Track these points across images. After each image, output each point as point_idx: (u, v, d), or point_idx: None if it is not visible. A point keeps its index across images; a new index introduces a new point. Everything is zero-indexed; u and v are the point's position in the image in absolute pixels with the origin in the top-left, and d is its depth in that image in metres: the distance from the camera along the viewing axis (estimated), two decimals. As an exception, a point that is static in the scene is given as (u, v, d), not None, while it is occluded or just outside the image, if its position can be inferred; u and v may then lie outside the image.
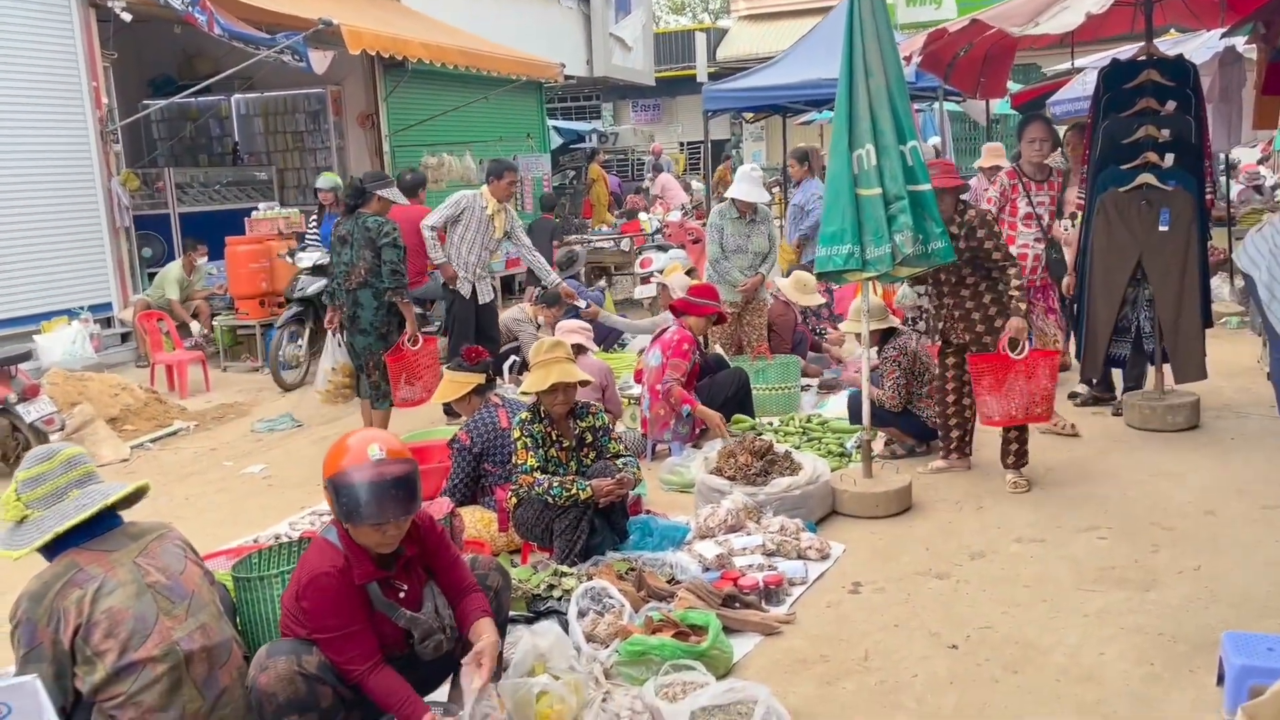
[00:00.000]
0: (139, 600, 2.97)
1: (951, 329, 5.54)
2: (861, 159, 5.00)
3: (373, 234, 6.47)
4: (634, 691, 3.44)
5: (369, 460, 2.99)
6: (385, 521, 3.00)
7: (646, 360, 6.49)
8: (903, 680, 3.58)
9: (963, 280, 5.42)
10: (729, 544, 4.64)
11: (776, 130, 18.73)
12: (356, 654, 3.00)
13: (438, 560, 3.27)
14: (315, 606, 3.00)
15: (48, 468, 3.04)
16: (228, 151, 14.72)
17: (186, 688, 2.98)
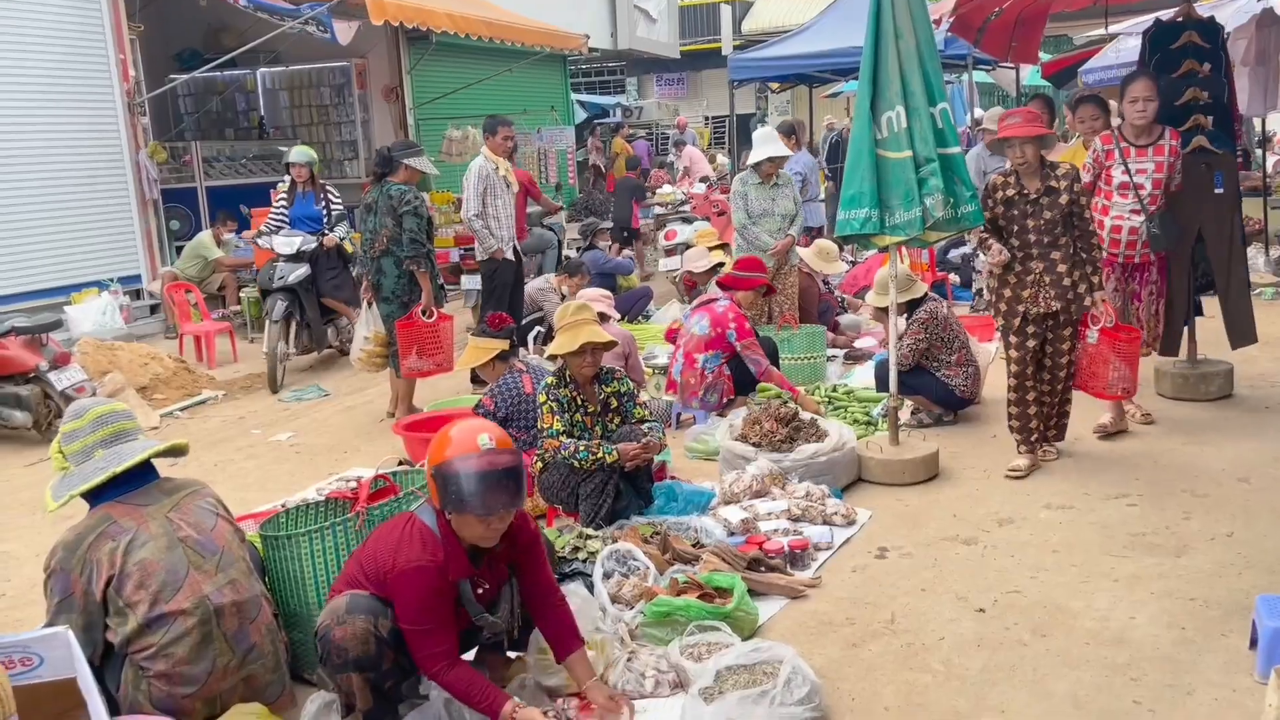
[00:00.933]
0: (170, 553, 3.00)
1: (1038, 295, 4.99)
2: (891, 121, 4.94)
3: (395, 202, 6.44)
4: (659, 651, 3.45)
5: (479, 449, 2.91)
6: (493, 513, 2.93)
7: (689, 325, 6.45)
8: (929, 643, 3.55)
9: (1056, 240, 4.94)
10: (754, 509, 4.62)
11: (802, 103, 18.57)
12: (439, 651, 2.92)
13: (527, 560, 3.19)
14: (410, 597, 2.92)
15: (78, 425, 3.09)
16: (254, 125, 14.77)
17: (217, 641, 3.02)
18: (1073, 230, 4.96)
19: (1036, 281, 4.99)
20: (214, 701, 3.02)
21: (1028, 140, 4.85)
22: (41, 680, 2.74)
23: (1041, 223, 4.93)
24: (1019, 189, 4.98)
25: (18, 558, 4.82)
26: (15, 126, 9.29)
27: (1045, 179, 4.93)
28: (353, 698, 3.01)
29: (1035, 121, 4.90)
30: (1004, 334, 5.21)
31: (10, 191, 9.25)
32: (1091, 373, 5.12)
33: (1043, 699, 3.16)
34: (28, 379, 6.69)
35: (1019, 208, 4.98)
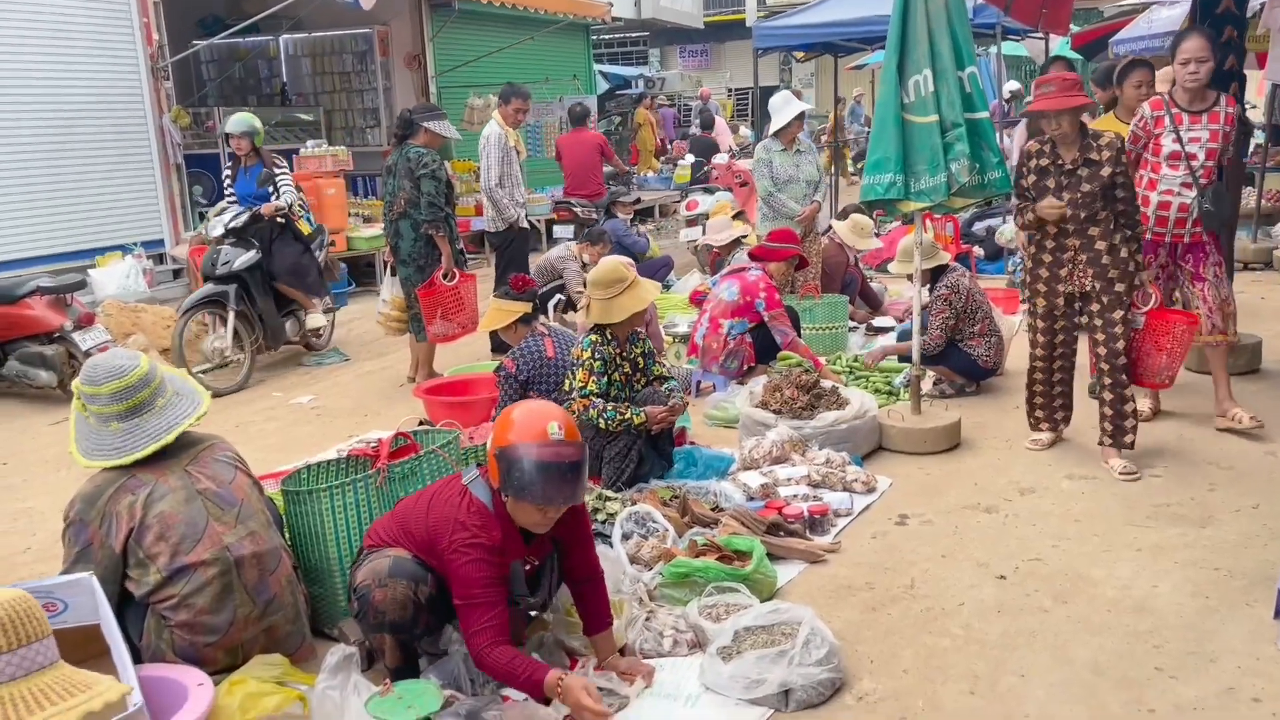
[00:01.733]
0: (189, 506, 3.02)
1: (1075, 275, 4.66)
2: (918, 85, 4.86)
3: (412, 165, 6.41)
4: (677, 611, 3.45)
5: (548, 439, 2.85)
6: (552, 504, 2.89)
7: (718, 291, 6.43)
8: (949, 608, 3.54)
9: (1094, 216, 4.57)
10: (774, 475, 4.61)
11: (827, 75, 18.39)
12: (488, 626, 2.86)
13: (573, 537, 3.15)
14: (467, 573, 2.87)
15: (95, 392, 3.05)
16: (276, 92, 14.75)
17: (238, 592, 3.04)
18: (1114, 205, 4.59)
19: (1072, 260, 4.67)
20: (235, 651, 3.04)
21: (1064, 111, 4.54)
22: (66, 625, 2.76)
23: (1079, 196, 4.56)
24: (1054, 159, 4.64)
25: (42, 513, 4.87)
26: (40, 90, 9.30)
27: (1085, 149, 4.57)
28: (381, 654, 3.05)
29: (1072, 90, 4.55)
30: (1031, 315, 4.90)
31: (36, 155, 9.29)
32: (1135, 360, 4.77)
33: (1063, 664, 3.14)
34: (52, 339, 6.75)
35: (1054, 179, 4.64)
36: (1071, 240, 4.66)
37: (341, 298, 10.03)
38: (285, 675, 3.00)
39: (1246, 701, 2.91)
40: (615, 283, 4.59)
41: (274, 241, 7.34)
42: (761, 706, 2.96)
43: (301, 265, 7.49)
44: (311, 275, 7.58)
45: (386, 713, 2.60)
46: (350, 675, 2.95)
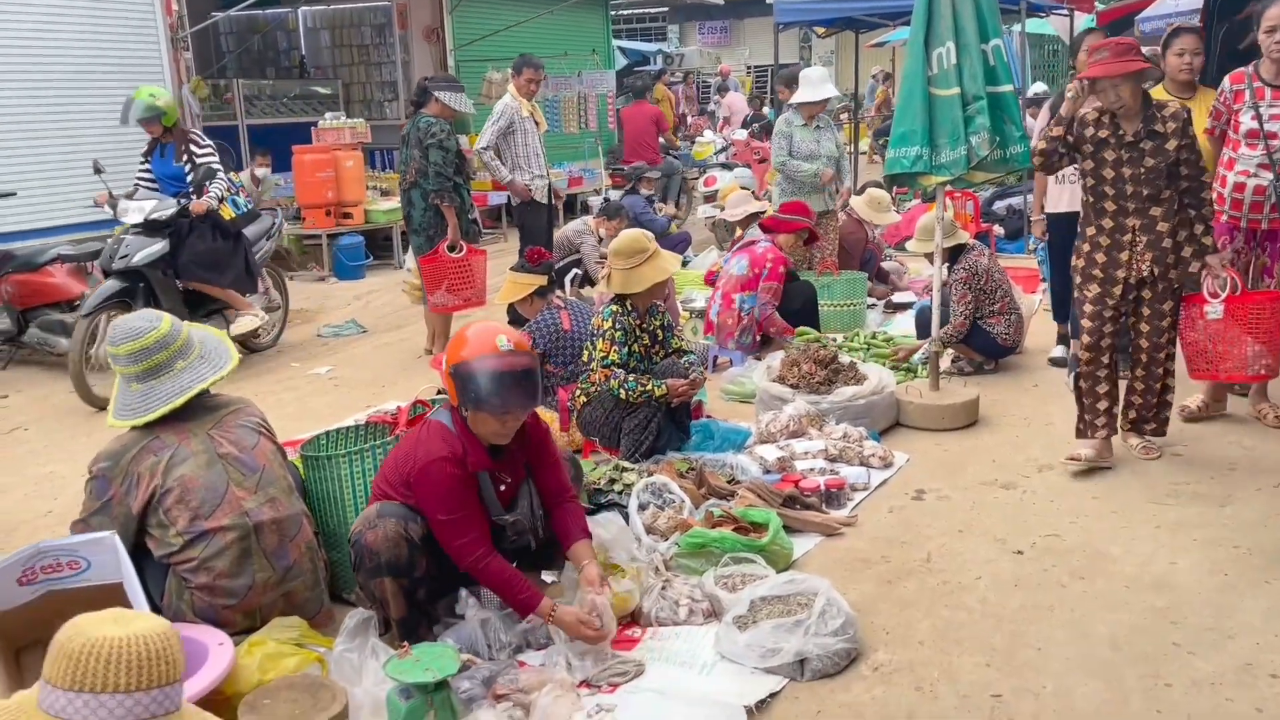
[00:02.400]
0: (210, 470, 3.04)
1: (1134, 260, 4.25)
2: (941, 57, 4.83)
3: (421, 134, 6.41)
4: (693, 580, 3.46)
5: (497, 350, 2.99)
6: (509, 412, 3.01)
7: (728, 266, 6.41)
8: (966, 582, 3.53)
9: (1157, 194, 4.16)
10: (790, 448, 4.61)
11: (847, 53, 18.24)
12: (470, 539, 2.99)
13: (540, 459, 3.28)
14: (432, 491, 2.99)
15: (115, 353, 3.10)
16: (294, 65, 14.75)
17: (256, 557, 3.06)
18: (1178, 183, 4.18)
19: (1131, 242, 4.24)
20: (254, 614, 3.07)
21: (1123, 80, 4.08)
22: (89, 584, 2.80)
23: (1141, 171, 4.14)
24: (1114, 130, 4.19)
25: (64, 477, 4.92)
26: (60, 61, 9.32)
27: (1149, 120, 4.13)
28: (387, 606, 3.05)
29: (1129, 54, 4.08)
30: (1079, 303, 4.45)
31: (56, 125, 9.31)
32: (1219, 354, 4.34)
33: (1080, 639, 3.14)
34: (73, 306, 6.79)
35: (1114, 151, 4.19)
36: (1131, 220, 4.22)
37: (359, 270, 10.08)
38: (304, 637, 3.02)
39: (1264, 677, 2.90)
40: (637, 253, 4.58)
41: (190, 231, 6.35)
42: (777, 675, 2.97)
43: (217, 259, 6.45)
44: (232, 271, 6.52)
45: (404, 675, 2.62)
46: (368, 638, 2.97)
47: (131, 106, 6.56)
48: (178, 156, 6.63)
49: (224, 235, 6.54)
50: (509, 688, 2.84)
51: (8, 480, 4.98)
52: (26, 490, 4.83)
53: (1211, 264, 4.26)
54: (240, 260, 6.61)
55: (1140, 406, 4.51)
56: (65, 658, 1.63)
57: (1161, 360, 4.39)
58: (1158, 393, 4.46)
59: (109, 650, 1.62)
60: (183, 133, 6.71)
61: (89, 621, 1.68)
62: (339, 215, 10.25)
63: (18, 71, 9.03)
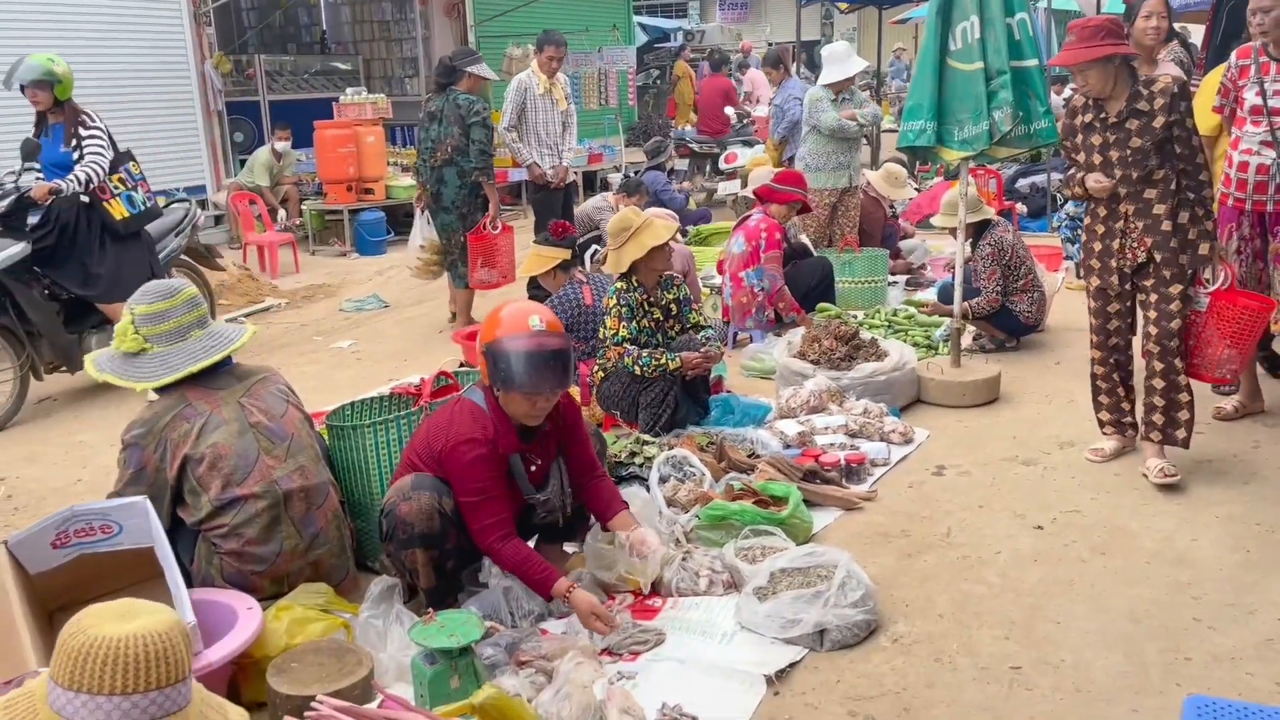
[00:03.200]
0: (241, 439, 3.08)
1: (1129, 245, 3.99)
2: (965, 31, 4.79)
3: (463, 111, 6.44)
4: (714, 552, 3.48)
5: (529, 330, 3.00)
6: (540, 392, 3.01)
7: (729, 247, 6.41)
8: (985, 556, 3.54)
9: (1149, 175, 3.89)
10: (811, 424, 4.62)
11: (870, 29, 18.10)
12: (493, 521, 3.01)
13: (572, 438, 3.29)
14: (464, 469, 3.00)
15: (170, 305, 3.10)
16: (315, 40, 14.77)
17: (285, 525, 3.10)
18: (1173, 162, 3.90)
19: (1124, 229, 3.99)
20: (281, 580, 3.12)
21: (1088, 65, 3.84)
22: (121, 548, 2.85)
23: (1128, 153, 3.89)
24: (1097, 114, 3.98)
25: (93, 445, 4.99)
26: (84, 36, 9.37)
27: (1132, 99, 3.89)
28: (416, 576, 3.09)
29: (1095, 39, 3.82)
30: (1089, 296, 4.23)
31: (80, 100, 9.35)
32: (1189, 347, 4.05)
33: (1099, 613, 3.15)
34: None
35: (1100, 135, 3.98)
36: (1125, 205, 3.97)
37: (380, 245, 10.13)
38: (330, 604, 3.07)
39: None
40: (621, 232, 4.62)
41: (71, 231, 5.50)
42: (796, 645, 2.99)
43: (109, 261, 5.58)
44: (120, 280, 5.43)
45: (428, 640, 2.66)
46: (393, 605, 3.02)
47: (21, 67, 5.52)
48: (66, 140, 5.58)
49: (115, 238, 5.60)
50: (531, 654, 2.88)
51: (38, 449, 5.06)
52: (56, 459, 4.91)
53: (1205, 251, 3.94)
54: (137, 268, 5.51)
55: (1162, 409, 4.05)
56: (65, 656, 1.58)
57: (1172, 350, 3.98)
58: (1176, 389, 4.02)
59: (106, 652, 1.56)
60: (74, 110, 5.64)
61: (92, 617, 1.62)
62: (360, 191, 10.29)
63: (40, 47, 9.07)
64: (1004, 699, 2.75)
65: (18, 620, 2.60)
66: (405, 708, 2.52)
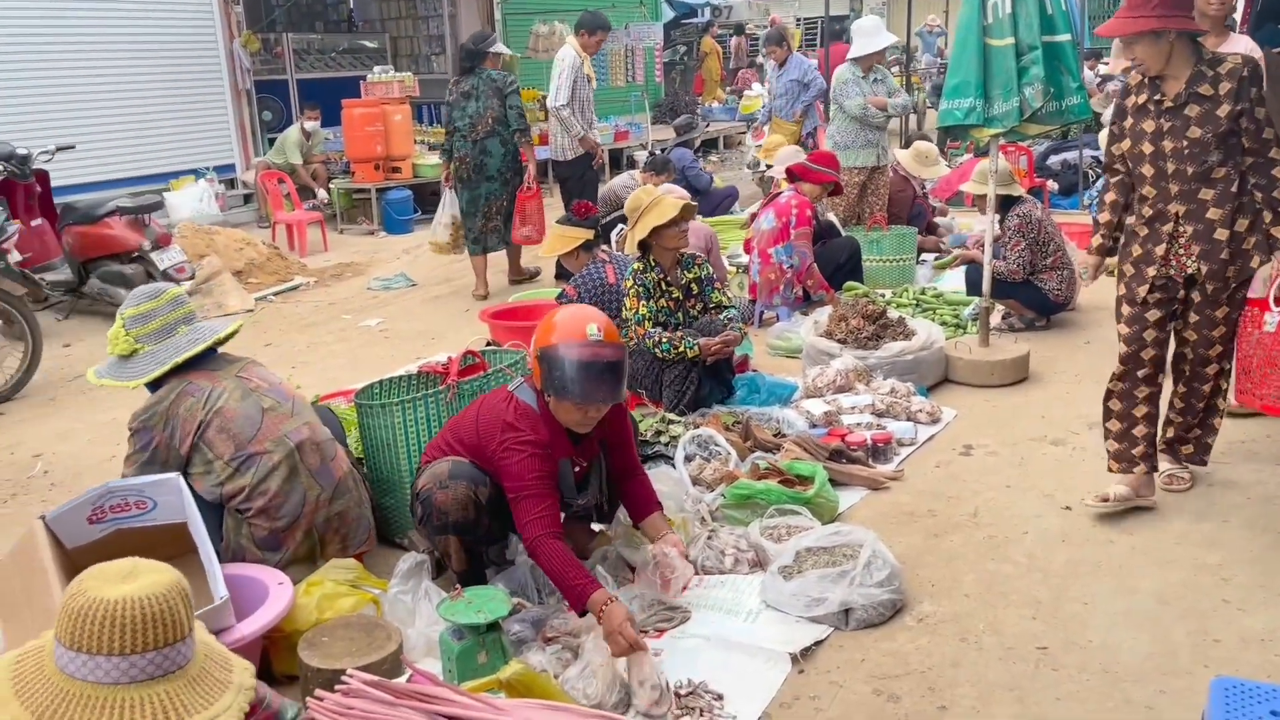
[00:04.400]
0: (244, 402, 3.16)
1: (1175, 252, 3.47)
2: (996, 6, 4.72)
3: (499, 84, 7.00)
4: (739, 530, 3.49)
5: (587, 339, 2.92)
6: (591, 403, 2.95)
7: (758, 224, 6.38)
8: (1012, 536, 3.53)
9: (1207, 172, 3.35)
10: (837, 403, 4.60)
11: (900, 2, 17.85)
12: (541, 516, 2.90)
13: (616, 438, 3.23)
14: (519, 468, 2.92)
15: (155, 305, 3.18)
16: (343, 19, 14.79)
17: (303, 475, 3.17)
18: (1238, 159, 3.35)
19: (1172, 233, 3.46)
20: (311, 533, 3.17)
21: (1138, 38, 3.35)
22: (156, 524, 2.90)
23: (1184, 145, 3.35)
24: (1152, 94, 3.44)
25: (124, 423, 5.04)
26: (114, 16, 9.44)
27: (1194, 81, 3.34)
28: (448, 559, 3.12)
29: (1145, 8, 3.31)
30: (1118, 304, 3.69)
31: (111, 80, 9.46)
32: (1263, 376, 3.47)
33: (1127, 594, 3.13)
34: (132, 258, 6.93)
35: (1153, 121, 3.43)
36: (1174, 206, 3.43)
37: (407, 224, 10.16)
38: (360, 579, 3.11)
39: (1316, 636, 2.88)
40: (632, 212, 4.69)
41: None
42: (821, 624, 3.00)
43: None
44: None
45: (456, 616, 2.69)
46: (421, 581, 3.06)
47: None
48: None
49: None
50: (558, 631, 2.91)
51: (73, 426, 5.15)
52: (91, 436, 4.99)
53: (1257, 265, 3.41)
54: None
55: (1178, 425, 3.77)
56: (67, 616, 1.61)
57: (1209, 376, 3.61)
58: (1200, 413, 3.71)
59: (105, 614, 1.59)
60: None
61: (93, 578, 1.65)
62: (388, 169, 10.32)
63: (75, 28, 9.17)
64: (1030, 679, 2.75)
65: (54, 593, 2.65)
66: (434, 682, 2.55)
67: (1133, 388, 3.64)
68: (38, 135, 8.17)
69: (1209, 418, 3.74)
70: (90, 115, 9.26)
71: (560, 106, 7.38)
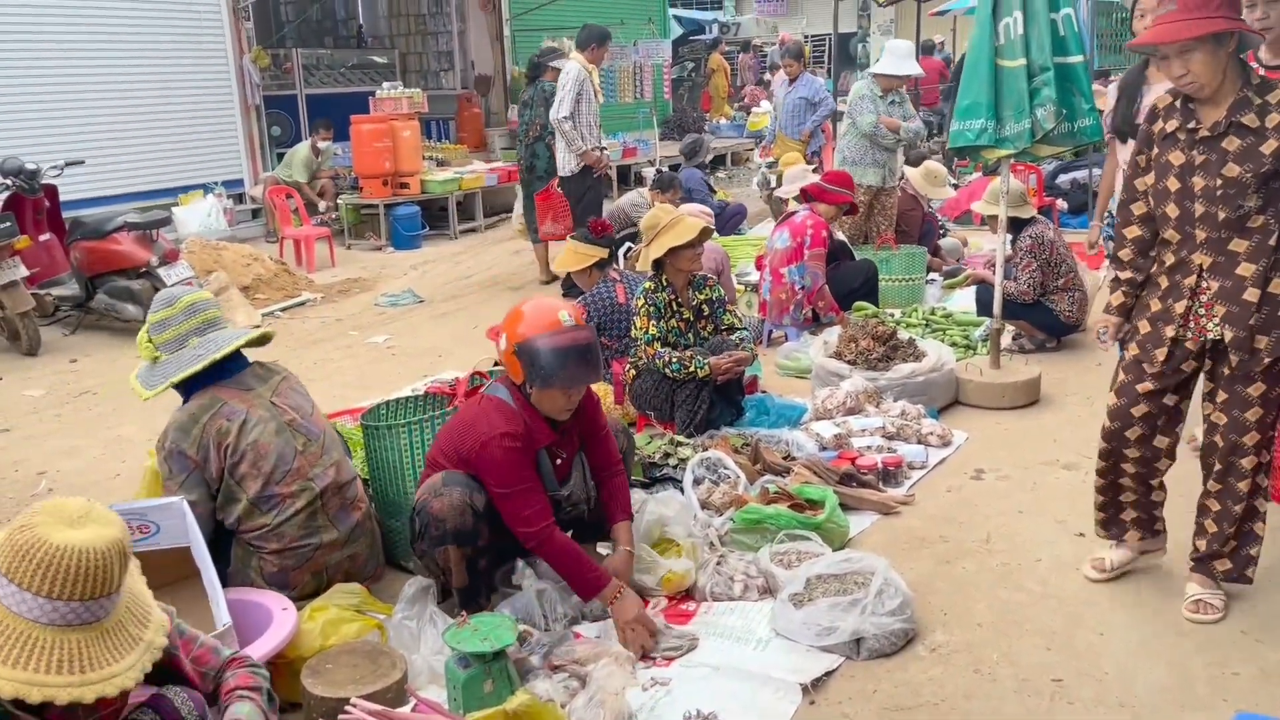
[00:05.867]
0: (279, 437, 3.09)
1: (1195, 313, 2.95)
2: (1008, 28, 4.70)
3: (548, 95, 7.76)
4: (749, 556, 3.45)
5: (560, 325, 3.00)
6: (576, 386, 3.03)
7: (771, 242, 6.35)
8: (1025, 563, 3.49)
9: (1242, 219, 2.82)
10: (847, 425, 4.57)
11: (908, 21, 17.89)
12: (534, 511, 2.98)
13: (593, 430, 3.29)
14: (494, 466, 2.98)
15: (170, 314, 3.14)
16: (352, 35, 14.85)
17: (321, 519, 3.12)
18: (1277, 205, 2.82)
19: (1194, 287, 2.93)
20: (320, 574, 3.14)
21: (1188, 47, 2.78)
22: (158, 548, 2.87)
23: (1216, 184, 2.83)
24: (1185, 120, 2.91)
25: (131, 440, 5.04)
26: (126, 31, 9.48)
27: (1238, 108, 2.81)
28: (448, 575, 3.07)
29: (1201, 10, 2.75)
30: (1118, 369, 3.18)
31: (121, 95, 9.49)
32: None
33: (1143, 623, 3.08)
34: (139, 273, 6.93)
35: (1183, 153, 2.90)
36: (1199, 256, 2.90)
37: (415, 240, 10.17)
38: (364, 604, 3.07)
39: (1337, 669, 2.82)
40: (648, 229, 4.67)
41: None
42: (833, 654, 2.95)
43: None
44: None
45: (462, 644, 2.65)
46: (426, 606, 3.02)
47: None
48: None
49: None
50: (565, 659, 2.86)
51: (78, 443, 5.12)
52: (96, 453, 4.97)
53: None
54: None
55: (1211, 536, 3.09)
56: (9, 546, 1.72)
57: (1246, 471, 2.98)
58: (1236, 519, 3.03)
59: (43, 556, 1.70)
60: None
61: (45, 514, 1.75)
62: (396, 185, 10.33)
63: (84, 42, 9.20)
64: (1045, 712, 2.71)
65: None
66: (438, 712, 2.52)
67: (1117, 476, 3.18)
68: (47, 150, 8.19)
69: (1248, 523, 3.05)
70: (100, 130, 9.28)
71: (563, 119, 7.44)
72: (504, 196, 11.93)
